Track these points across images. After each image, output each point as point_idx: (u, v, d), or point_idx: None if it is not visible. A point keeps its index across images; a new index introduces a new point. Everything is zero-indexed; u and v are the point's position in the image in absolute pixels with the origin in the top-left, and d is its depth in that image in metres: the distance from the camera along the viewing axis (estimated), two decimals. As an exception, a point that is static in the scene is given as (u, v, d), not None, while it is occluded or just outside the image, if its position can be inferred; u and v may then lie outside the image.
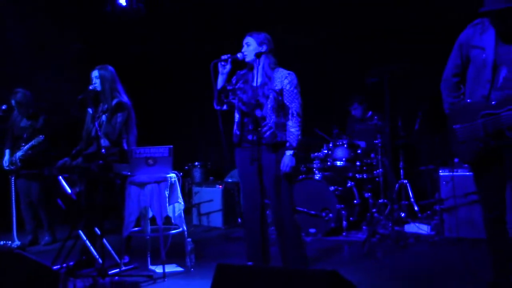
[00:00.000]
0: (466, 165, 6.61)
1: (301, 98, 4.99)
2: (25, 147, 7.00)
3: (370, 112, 7.90)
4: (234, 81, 5.13)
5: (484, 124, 3.89)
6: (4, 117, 6.44)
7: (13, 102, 7.24)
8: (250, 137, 4.98)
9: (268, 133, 4.87)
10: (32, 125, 7.18)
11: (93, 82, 5.82)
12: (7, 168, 7.12)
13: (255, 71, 5.03)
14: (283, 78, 4.94)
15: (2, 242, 6.80)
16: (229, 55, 4.86)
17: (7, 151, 7.18)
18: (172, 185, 5.51)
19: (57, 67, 9.87)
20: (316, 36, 8.66)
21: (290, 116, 4.92)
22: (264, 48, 4.97)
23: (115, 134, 5.73)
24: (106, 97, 5.83)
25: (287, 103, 4.92)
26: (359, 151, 7.61)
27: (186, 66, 10.37)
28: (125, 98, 5.90)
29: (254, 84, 5.03)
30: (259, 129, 4.75)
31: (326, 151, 7.66)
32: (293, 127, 4.91)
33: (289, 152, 4.90)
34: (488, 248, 4.22)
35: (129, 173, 5.50)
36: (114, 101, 5.80)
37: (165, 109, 10.77)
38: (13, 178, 7.15)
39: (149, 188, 5.39)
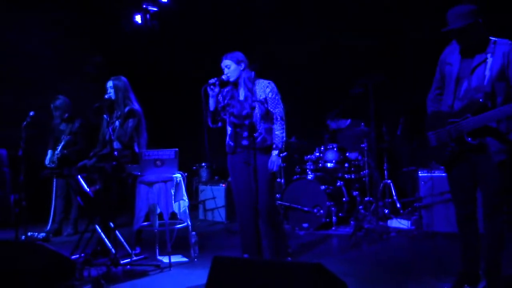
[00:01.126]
0: (442, 167, 6.60)
1: (282, 103, 5.05)
2: (59, 147, 7.08)
3: (349, 121, 7.86)
4: (221, 99, 5.14)
5: (449, 131, 3.94)
6: (32, 123, 6.43)
7: (52, 106, 7.31)
8: (244, 142, 5.01)
9: (259, 138, 4.93)
10: (69, 128, 7.23)
11: (108, 92, 5.85)
12: (48, 165, 7.16)
13: (239, 87, 5.09)
14: (265, 88, 4.99)
15: (30, 233, 6.78)
16: (215, 79, 4.91)
17: (49, 151, 7.23)
18: (177, 184, 5.51)
19: (80, 77, 9.91)
20: (308, 49, 8.64)
21: (275, 121, 4.97)
22: (242, 66, 5.03)
23: (127, 137, 5.78)
24: (119, 105, 5.88)
25: (271, 110, 4.97)
26: (347, 154, 7.59)
27: (193, 76, 10.35)
28: (136, 106, 5.93)
29: (241, 98, 5.07)
30: (253, 135, 4.78)
31: (318, 154, 7.66)
32: (278, 130, 4.95)
33: (275, 153, 4.94)
34: (460, 242, 4.19)
35: (139, 173, 5.50)
36: (127, 108, 5.85)
37: (176, 115, 10.76)
38: (53, 176, 7.22)
39: (157, 187, 5.40)
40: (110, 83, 5.89)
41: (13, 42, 9.10)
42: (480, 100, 3.77)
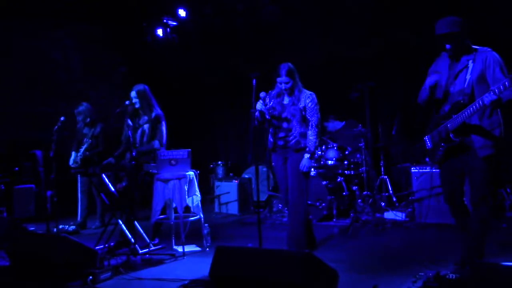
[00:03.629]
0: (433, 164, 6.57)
1: (320, 113, 5.22)
2: (82, 149, 7.13)
3: (344, 122, 7.83)
4: (268, 101, 5.20)
5: (439, 131, 4.06)
6: (62, 127, 6.53)
7: (75, 111, 7.39)
8: (280, 142, 5.21)
9: (293, 140, 5.13)
10: (91, 131, 7.30)
11: (133, 101, 5.91)
12: (72, 165, 7.24)
13: (285, 93, 5.24)
14: (306, 98, 5.16)
15: (60, 226, 6.86)
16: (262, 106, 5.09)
17: (72, 153, 7.30)
18: (190, 181, 5.55)
19: (107, 85, 10.02)
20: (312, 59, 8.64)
21: (310, 127, 5.14)
22: (297, 79, 5.18)
23: (164, 139, 5.90)
24: (145, 111, 5.96)
25: (309, 117, 5.17)
26: (346, 152, 7.57)
27: (211, 83, 10.44)
28: (159, 110, 6.03)
29: (284, 102, 5.24)
30: (287, 137, 5.15)
31: (319, 153, 7.64)
32: (312, 136, 5.13)
33: (307, 155, 5.12)
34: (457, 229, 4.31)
35: (156, 171, 5.55)
36: (153, 114, 5.93)
37: (196, 118, 10.83)
38: (78, 175, 7.33)
39: (172, 184, 5.46)
40: (133, 93, 5.95)
41: (44, 51, 9.23)
42: (462, 101, 3.88)
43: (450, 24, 3.91)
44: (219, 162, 9.55)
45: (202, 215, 5.70)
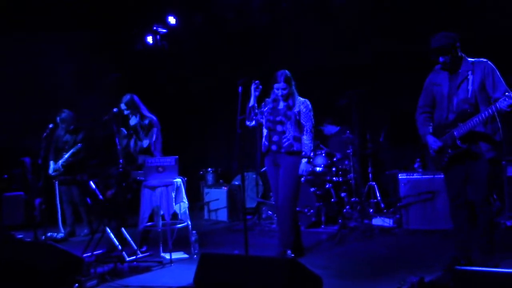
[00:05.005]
0: (420, 170, 6.60)
1: (314, 119, 5.31)
2: (67, 154, 7.05)
3: (338, 127, 7.85)
4: (263, 106, 5.38)
5: (445, 139, 4.29)
6: (49, 134, 6.51)
7: (58, 119, 7.26)
8: (273, 147, 5.27)
9: (286, 143, 5.19)
10: (73, 139, 7.22)
11: (125, 113, 5.94)
12: (52, 174, 7.15)
13: (281, 99, 5.31)
14: (301, 104, 5.26)
15: (49, 234, 6.82)
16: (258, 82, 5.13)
17: (51, 162, 7.18)
18: (178, 188, 5.54)
19: (99, 93, 9.97)
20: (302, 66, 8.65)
21: (305, 132, 5.21)
22: (293, 86, 5.27)
23: (156, 143, 5.97)
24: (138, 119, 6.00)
25: (303, 122, 5.24)
26: (335, 159, 7.56)
27: (198, 90, 10.44)
28: (152, 116, 6.08)
29: (279, 107, 5.32)
30: (281, 141, 5.21)
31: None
32: (307, 140, 5.21)
33: (304, 160, 5.19)
34: (453, 229, 4.54)
35: (143, 178, 5.53)
36: (146, 121, 5.99)
37: (185, 125, 10.81)
38: (57, 182, 7.21)
39: (159, 191, 5.44)
40: (122, 105, 5.97)
41: (35, 58, 9.19)
42: (468, 110, 4.15)
43: (444, 37, 4.19)
44: (209, 169, 9.53)
45: (189, 222, 5.69)
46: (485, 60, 4.25)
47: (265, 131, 5.39)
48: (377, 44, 7.81)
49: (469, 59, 4.28)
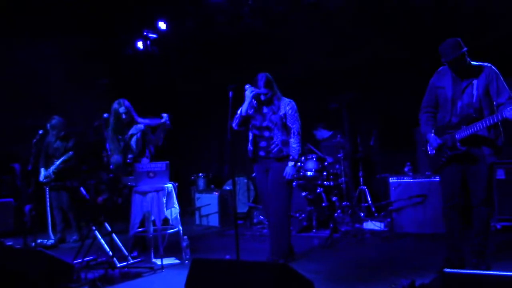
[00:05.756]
0: (410, 174, 6.62)
1: (300, 120, 5.22)
2: (58, 161, 7.02)
3: (331, 132, 7.87)
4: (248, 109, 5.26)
5: (446, 140, 4.36)
6: (39, 140, 6.47)
7: (48, 125, 7.21)
8: (261, 153, 5.20)
9: (275, 149, 5.09)
10: (63, 145, 7.18)
11: (123, 117, 5.94)
12: (43, 180, 7.11)
13: (265, 103, 5.21)
14: (286, 105, 5.16)
15: (39, 241, 6.76)
16: (254, 89, 5.06)
17: (42, 169, 7.15)
18: (168, 193, 5.52)
19: (89, 98, 9.93)
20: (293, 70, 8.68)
21: (292, 135, 5.13)
22: (275, 88, 5.18)
23: (154, 148, 6.06)
24: (129, 125, 6.03)
25: (290, 125, 5.15)
26: (326, 163, 7.57)
27: (189, 95, 10.42)
28: (142, 122, 6.07)
29: (264, 111, 5.21)
30: (269, 147, 5.11)
31: (299, 164, 7.61)
32: (294, 143, 5.13)
33: (291, 163, 5.12)
34: (445, 230, 4.52)
35: (134, 183, 5.51)
36: (143, 126, 5.99)
37: (178, 130, 10.73)
38: (47, 188, 7.16)
39: (150, 196, 5.42)
40: (123, 109, 5.96)
41: (26, 64, 9.14)
42: (473, 114, 4.23)
43: (455, 46, 4.21)
44: (200, 174, 9.53)
45: (181, 228, 5.66)
46: (489, 65, 4.31)
47: (250, 135, 5.32)
48: (368, 49, 7.85)
49: (472, 62, 4.33)
